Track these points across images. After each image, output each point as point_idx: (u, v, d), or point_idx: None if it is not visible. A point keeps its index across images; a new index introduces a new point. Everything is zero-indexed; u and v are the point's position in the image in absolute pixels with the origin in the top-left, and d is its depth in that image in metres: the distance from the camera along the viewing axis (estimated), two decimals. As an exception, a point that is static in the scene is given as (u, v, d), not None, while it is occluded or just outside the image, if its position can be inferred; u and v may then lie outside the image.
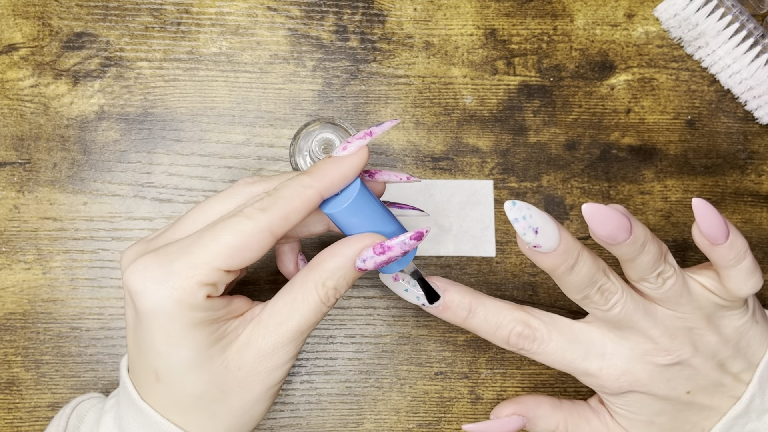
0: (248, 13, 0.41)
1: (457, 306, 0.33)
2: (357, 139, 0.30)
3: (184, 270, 0.27)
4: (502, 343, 0.33)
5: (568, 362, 0.33)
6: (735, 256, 0.31)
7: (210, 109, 0.41)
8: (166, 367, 0.29)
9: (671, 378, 0.32)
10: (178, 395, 0.29)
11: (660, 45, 0.43)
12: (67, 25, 0.40)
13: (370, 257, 0.29)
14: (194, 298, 0.27)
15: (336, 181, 0.29)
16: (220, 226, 0.28)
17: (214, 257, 0.27)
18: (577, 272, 0.30)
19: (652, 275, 0.31)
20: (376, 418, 0.39)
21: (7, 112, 0.40)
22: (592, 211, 0.29)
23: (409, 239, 0.29)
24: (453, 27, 0.42)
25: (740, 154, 0.42)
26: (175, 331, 0.28)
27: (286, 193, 0.29)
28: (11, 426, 0.39)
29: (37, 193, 0.39)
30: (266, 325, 0.29)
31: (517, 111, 0.42)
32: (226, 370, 0.29)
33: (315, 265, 0.30)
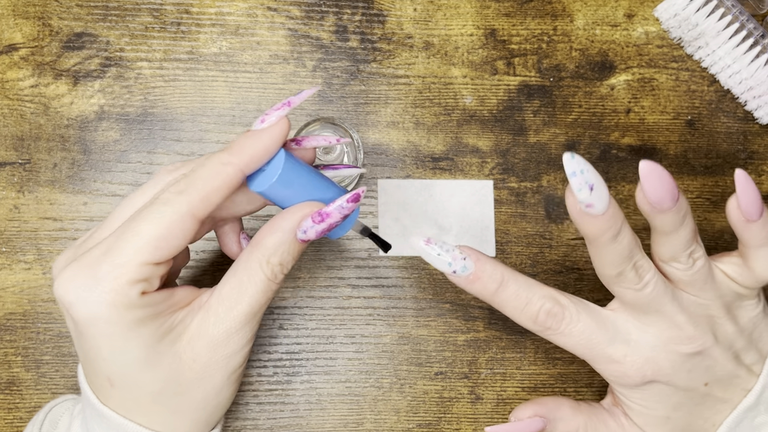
0: (248, 13, 0.41)
1: (489, 277, 0.31)
2: (275, 110, 0.29)
3: (110, 272, 0.26)
4: (529, 320, 0.32)
5: (593, 345, 0.32)
6: (766, 234, 0.31)
7: (210, 109, 0.41)
8: (117, 371, 0.28)
9: (692, 368, 0.32)
10: (136, 396, 0.29)
11: (660, 45, 0.43)
12: (67, 25, 0.40)
13: (310, 227, 0.29)
14: (127, 298, 0.26)
15: (257, 155, 0.28)
16: (138, 219, 0.27)
17: (137, 252, 0.26)
18: (620, 241, 0.29)
19: (685, 254, 0.31)
20: (376, 418, 0.39)
21: (7, 112, 0.40)
22: (650, 170, 0.28)
23: (347, 202, 0.29)
24: (453, 27, 0.42)
25: (740, 154, 0.42)
26: (117, 334, 0.27)
27: (204, 172, 0.27)
28: (11, 426, 0.39)
29: (37, 193, 0.39)
30: (216, 312, 0.29)
31: (517, 111, 0.42)
32: (180, 364, 0.28)
33: (256, 244, 0.29)
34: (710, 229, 0.42)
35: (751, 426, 0.33)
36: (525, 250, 0.41)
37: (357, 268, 0.40)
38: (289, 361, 0.39)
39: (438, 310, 0.40)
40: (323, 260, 0.40)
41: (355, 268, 0.40)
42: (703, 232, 0.42)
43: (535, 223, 0.41)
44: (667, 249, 0.31)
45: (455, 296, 0.40)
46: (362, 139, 0.41)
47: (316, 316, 0.40)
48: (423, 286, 0.40)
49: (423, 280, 0.40)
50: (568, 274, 0.41)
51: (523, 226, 0.41)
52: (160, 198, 0.27)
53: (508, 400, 0.40)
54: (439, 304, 0.40)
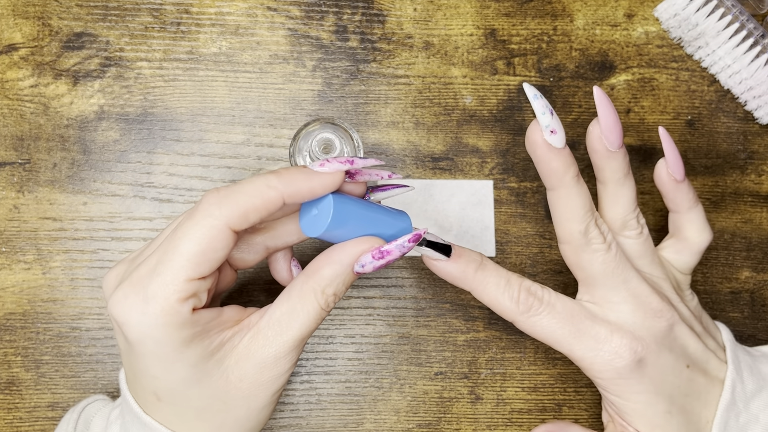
0: (248, 13, 0.41)
1: (468, 256, 0.32)
2: (337, 162, 0.29)
3: (159, 291, 0.27)
4: (511, 301, 0.32)
5: (577, 322, 0.32)
6: (694, 196, 0.34)
7: (210, 109, 0.41)
8: (165, 387, 0.28)
9: (671, 346, 0.33)
10: (181, 411, 0.29)
11: (660, 45, 0.43)
12: (66, 25, 0.40)
13: (369, 262, 0.29)
14: (179, 316, 0.27)
15: (302, 192, 0.28)
16: (179, 235, 0.27)
17: (181, 270, 0.27)
18: (581, 184, 0.32)
19: (633, 216, 0.33)
20: (376, 419, 0.39)
21: (7, 112, 0.40)
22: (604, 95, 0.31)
23: (408, 242, 0.29)
24: (453, 27, 0.42)
25: (740, 154, 0.42)
26: (168, 354, 0.27)
27: (248, 188, 0.28)
28: (11, 426, 0.39)
29: (37, 193, 0.39)
30: (265, 335, 0.29)
31: (517, 111, 0.42)
32: (227, 383, 0.29)
33: (313, 273, 0.29)
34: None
35: (737, 425, 0.33)
36: (525, 250, 0.41)
37: (357, 268, 0.40)
38: (288, 361, 0.39)
39: (438, 310, 0.40)
40: (323, 260, 0.40)
41: (355, 268, 0.40)
42: (703, 232, 0.42)
43: (535, 223, 0.41)
44: (619, 208, 0.33)
45: (455, 296, 0.40)
46: (362, 139, 0.41)
47: (316, 316, 0.40)
48: (423, 286, 0.40)
49: (423, 280, 0.40)
50: (568, 274, 0.41)
51: (523, 226, 0.41)
52: (199, 210, 0.27)
53: (508, 400, 0.40)
54: (439, 304, 0.40)
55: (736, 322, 0.41)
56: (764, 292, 0.42)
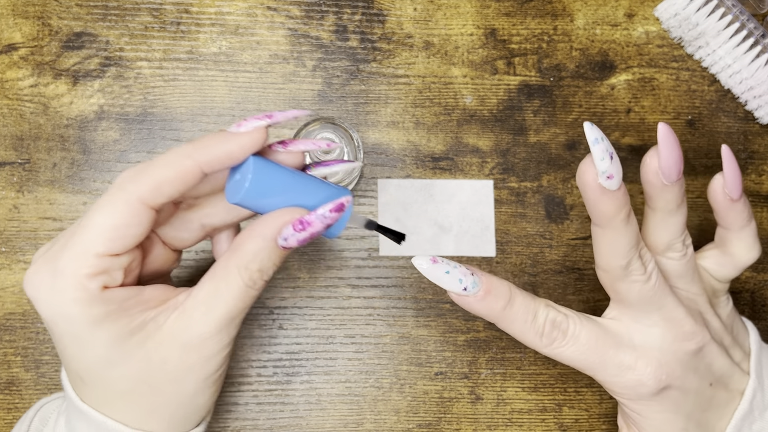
0: (248, 12, 0.41)
1: (497, 290, 0.30)
2: (254, 119, 0.27)
3: (67, 266, 0.25)
4: (536, 335, 0.30)
5: (602, 352, 0.31)
6: (749, 214, 0.32)
7: (210, 108, 0.41)
8: (84, 368, 0.27)
9: (697, 367, 0.32)
10: (107, 393, 0.28)
11: (660, 45, 0.43)
12: (66, 24, 0.40)
13: (291, 235, 0.27)
14: (87, 293, 0.25)
15: (219, 157, 0.27)
16: (92, 209, 0.26)
17: (92, 244, 0.25)
18: (631, 223, 0.29)
19: (680, 239, 0.31)
20: (376, 419, 0.39)
21: (7, 111, 0.40)
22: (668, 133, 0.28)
23: (329, 212, 0.27)
24: (453, 27, 0.42)
25: (740, 154, 0.42)
26: (80, 332, 0.26)
27: (160, 161, 0.26)
28: (11, 426, 0.38)
29: (37, 193, 0.39)
30: (190, 315, 0.27)
31: (517, 111, 0.42)
32: (149, 364, 0.27)
33: (235, 249, 0.28)
34: (711, 229, 0.42)
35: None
36: (525, 250, 0.41)
37: (357, 268, 0.40)
38: (288, 361, 0.39)
39: (438, 310, 0.40)
40: (323, 260, 0.40)
41: (355, 268, 0.40)
42: (704, 232, 0.42)
43: (535, 223, 0.41)
44: (666, 234, 0.31)
45: (455, 296, 0.40)
46: (362, 139, 0.41)
47: (316, 316, 0.40)
48: (423, 286, 0.40)
49: (423, 280, 0.40)
50: (568, 274, 0.41)
51: (524, 226, 0.41)
52: (114, 184, 0.26)
53: (508, 400, 0.40)
54: (439, 304, 0.40)
55: (737, 322, 0.41)
56: (764, 292, 0.42)
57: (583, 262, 0.41)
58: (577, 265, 0.41)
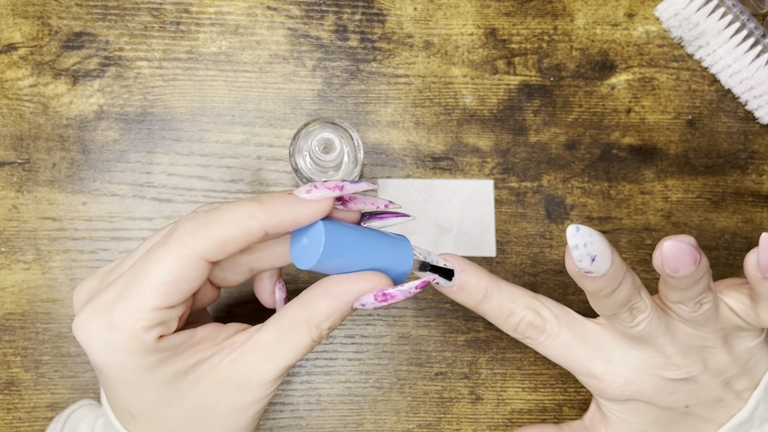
0: (248, 12, 0.41)
1: (473, 289, 0.31)
2: (325, 188, 0.27)
3: (123, 318, 0.25)
4: (509, 329, 0.32)
5: (572, 360, 0.32)
6: None
7: (209, 108, 0.40)
8: (137, 407, 0.28)
9: (674, 391, 0.32)
10: (157, 429, 0.28)
11: (660, 44, 0.42)
12: (66, 24, 0.40)
13: (371, 303, 0.27)
14: (143, 344, 0.25)
15: (285, 223, 0.26)
16: (150, 261, 0.26)
17: (149, 298, 0.25)
18: (616, 295, 0.29)
19: (693, 301, 0.30)
20: (376, 419, 0.39)
21: (7, 111, 0.40)
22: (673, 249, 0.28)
23: (414, 288, 0.28)
24: (453, 26, 0.42)
25: (741, 154, 0.42)
26: (134, 378, 0.26)
27: (226, 217, 0.26)
28: (11, 426, 0.38)
29: (36, 193, 0.39)
30: (248, 360, 0.27)
31: (518, 111, 0.41)
32: (204, 404, 0.27)
33: (308, 305, 0.27)
34: (711, 229, 0.42)
35: None
36: (525, 250, 0.41)
37: (357, 268, 0.40)
38: (288, 362, 0.39)
39: (438, 310, 0.40)
40: (323, 260, 0.40)
41: (355, 268, 0.40)
42: (704, 232, 0.42)
43: (535, 223, 0.41)
44: (677, 296, 0.30)
45: (455, 296, 0.40)
46: (362, 139, 0.41)
47: (316, 316, 0.40)
48: (423, 286, 0.40)
49: (423, 280, 0.40)
50: (568, 274, 0.41)
51: (524, 226, 0.41)
52: (173, 236, 0.26)
53: (508, 401, 0.40)
54: (439, 304, 0.40)
55: (737, 322, 0.41)
56: None
57: (584, 262, 0.41)
58: (578, 265, 0.41)
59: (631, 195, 0.41)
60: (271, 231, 0.26)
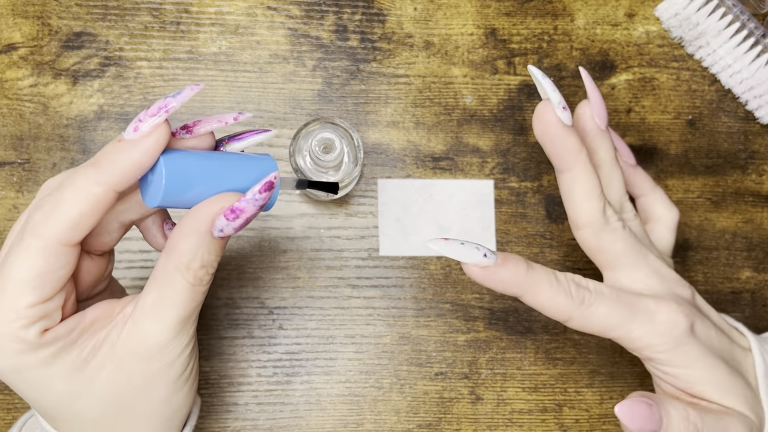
0: (248, 12, 0.41)
1: (514, 258, 0.29)
2: (150, 116, 0.25)
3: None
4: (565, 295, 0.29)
5: (629, 302, 0.30)
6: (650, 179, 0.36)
7: (210, 108, 0.40)
8: (51, 407, 0.26)
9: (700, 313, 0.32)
10: (81, 424, 0.27)
11: (661, 44, 0.43)
12: (66, 24, 0.40)
13: (225, 225, 0.26)
14: (26, 343, 0.24)
15: (129, 172, 0.24)
16: (10, 261, 0.24)
17: (19, 297, 0.24)
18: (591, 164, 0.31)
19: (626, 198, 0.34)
20: (376, 419, 0.39)
21: (7, 111, 0.40)
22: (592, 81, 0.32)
23: (258, 193, 0.26)
24: (453, 26, 0.42)
25: (741, 154, 0.42)
26: (34, 378, 0.25)
27: (69, 195, 0.24)
28: (10, 426, 0.38)
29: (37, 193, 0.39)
30: (140, 327, 0.26)
31: (518, 111, 0.41)
32: (114, 386, 0.26)
33: (171, 250, 0.26)
34: (711, 228, 0.42)
35: None
36: (525, 250, 0.41)
37: (357, 268, 0.40)
38: (288, 362, 0.39)
39: (438, 310, 0.40)
40: (323, 260, 0.40)
41: (355, 268, 0.40)
42: (704, 232, 0.42)
43: (535, 223, 0.41)
44: (614, 192, 0.33)
45: (455, 296, 0.40)
46: (362, 139, 0.41)
47: (316, 316, 0.40)
48: (423, 286, 0.40)
49: (423, 280, 0.40)
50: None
51: (524, 226, 0.41)
52: (26, 229, 0.24)
53: (508, 401, 0.40)
54: (439, 304, 0.40)
55: (737, 322, 0.41)
56: (765, 292, 0.42)
57: (584, 262, 0.41)
58: (578, 265, 0.41)
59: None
60: (119, 188, 0.25)
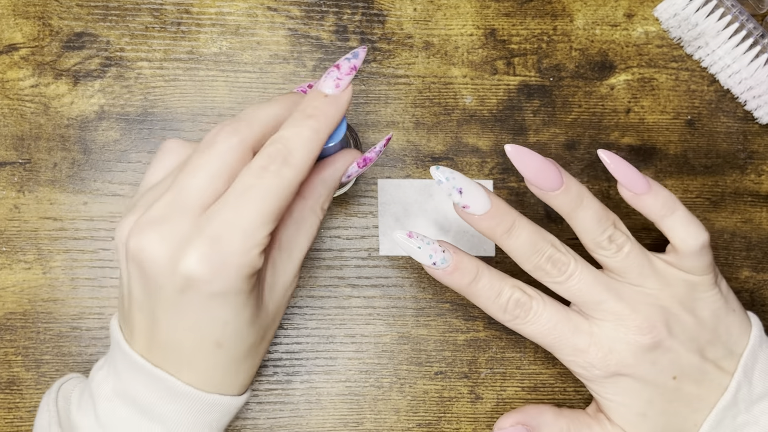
0: (248, 13, 0.41)
1: (465, 269, 0.33)
2: (346, 75, 0.30)
3: (241, 247, 0.27)
4: (499, 310, 0.33)
5: (559, 334, 0.33)
6: (663, 204, 0.33)
7: (210, 108, 0.41)
8: (232, 331, 0.29)
9: (655, 361, 0.33)
10: (238, 353, 0.30)
11: (660, 45, 0.43)
12: (67, 25, 0.40)
13: (354, 171, 0.32)
14: (256, 266, 0.28)
15: (336, 122, 0.29)
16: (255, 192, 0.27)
17: (263, 225, 0.27)
18: (516, 236, 0.32)
19: (601, 238, 0.32)
20: (376, 418, 0.39)
21: (8, 111, 0.40)
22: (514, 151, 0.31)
23: (383, 146, 0.33)
24: (453, 27, 0.42)
25: (740, 154, 0.42)
26: (243, 299, 0.28)
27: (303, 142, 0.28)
28: (11, 426, 0.39)
29: (38, 193, 0.39)
30: (281, 260, 0.31)
31: (517, 111, 0.42)
32: (267, 313, 0.30)
33: (310, 195, 0.31)
34: (710, 228, 0.42)
35: (733, 425, 0.33)
36: (525, 249, 0.41)
37: (357, 268, 0.40)
38: (288, 361, 0.39)
39: (438, 309, 0.40)
40: (323, 260, 0.40)
41: (355, 268, 0.40)
42: (703, 232, 0.42)
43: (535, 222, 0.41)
44: (583, 235, 0.33)
45: (455, 296, 0.40)
46: (362, 139, 0.41)
47: (316, 315, 0.40)
48: (423, 286, 0.40)
49: (423, 280, 0.40)
50: (568, 274, 0.41)
51: (523, 226, 0.41)
52: (270, 170, 0.28)
53: (508, 400, 0.40)
54: (439, 304, 0.40)
55: (736, 321, 0.41)
56: (764, 292, 0.42)
57: (583, 261, 0.41)
58: (577, 265, 0.41)
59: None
60: (329, 135, 0.29)
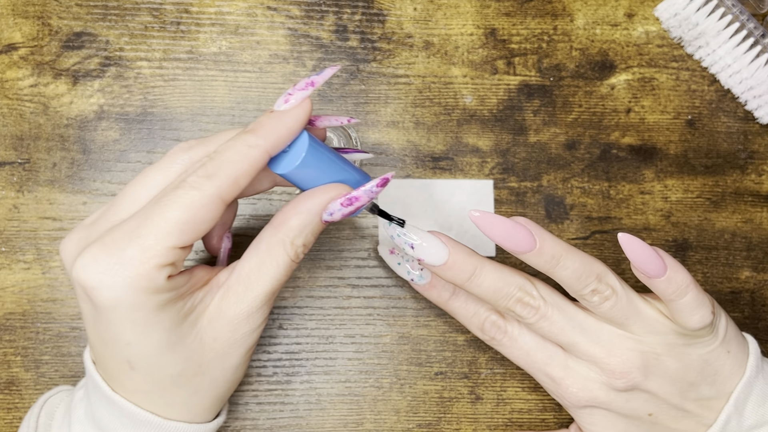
0: (248, 12, 0.41)
1: (442, 287, 0.34)
2: (299, 90, 0.29)
3: (137, 256, 0.26)
4: (476, 329, 0.34)
5: (533, 362, 0.33)
6: (675, 290, 0.30)
7: (210, 108, 0.41)
8: (139, 354, 0.27)
9: (630, 399, 0.32)
10: (157, 379, 0.28)
11: (660, 45, 0.43)
12: (66, 24, 0.40)
13: (337, 210, 0.29)
14: (155, 282, 0.26)
15: (282, 138, 0.28)
16: (165, 201, 0.26)
17: (165, 236, 0.26)
18: (478, 285, 0.31)
19: (584, 292, 0.31)
20: (375, 418, 0.39)
21: (7, 111, 0.40)
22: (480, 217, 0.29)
23: (375, 187, 0.29)
24: (453, 26, 0.42)
25: (740, 154, 0.42)
26: (142, 319, 0.26)
27: (232, 155, 0.27)
28: (11, 426, 0.38)
29: (37, 193, 0.39)
30: (236, 292, 0.29)
31: (517, 111, 0.42)
32: (201, 344, 0.28)
33: (280, 224, 0.29)
34: (710, 228, 0.42)
35: None
36: (525, 249, 0.41)
37: (357, 268, 0.40)
38: (288, 361, 0.39)
39: (438, 310, 0.40)
40: (323, 260, 0.40)
41: (355, 268, 0.40)
42: (703, 232, 0.42)
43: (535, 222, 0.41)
44: (565, 287, 0.31)
45: (455, 296, 0.40)
46: (362, 139, 0.41)
47: (316, 316, 0.40)
48: (423, 286, 0.40)
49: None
50: (568, 274, 0.41)
51: (523, 226, 0.41)
52: (188, 181, 0.26)
53: (508, 400, 0.40)
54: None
55: (737, 322, 0.41)
56: (765, 292, 0.42)
57: (583, 261, 0.41)
58: (577, 265, 0.41)
59: (630, 195, 0.41)
60: (273, 152, 0.28)
